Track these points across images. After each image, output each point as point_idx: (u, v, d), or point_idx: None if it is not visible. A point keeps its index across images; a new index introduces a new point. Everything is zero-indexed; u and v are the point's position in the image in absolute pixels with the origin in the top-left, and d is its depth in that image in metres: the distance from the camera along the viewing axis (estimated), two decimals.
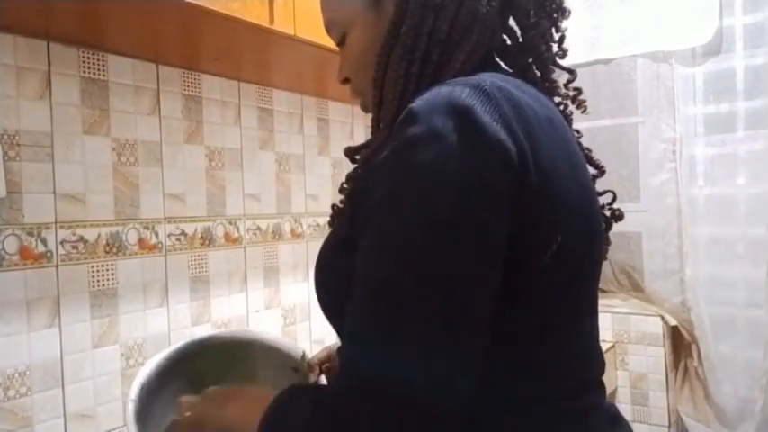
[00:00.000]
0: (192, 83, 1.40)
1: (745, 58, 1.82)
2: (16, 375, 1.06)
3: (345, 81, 0.73)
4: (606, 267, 2.08)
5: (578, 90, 0.71)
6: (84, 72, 1.18)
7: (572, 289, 0.60)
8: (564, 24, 0.67)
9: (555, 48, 0.68)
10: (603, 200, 0.72)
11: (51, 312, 1.12)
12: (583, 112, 0.71)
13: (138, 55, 1.27)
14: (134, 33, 1.15)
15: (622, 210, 0.74)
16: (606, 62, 2.03)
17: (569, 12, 0.67)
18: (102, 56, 1.21)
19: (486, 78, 0.54)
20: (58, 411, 1.12)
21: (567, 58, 0.70)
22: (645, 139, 2.00)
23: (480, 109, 0.50)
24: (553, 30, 0.67)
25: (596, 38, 2.00)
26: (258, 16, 1.11)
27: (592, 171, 0.72)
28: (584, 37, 2.01)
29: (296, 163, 1.70)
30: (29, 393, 1.08)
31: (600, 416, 0.63)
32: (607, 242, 0.72)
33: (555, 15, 0.66)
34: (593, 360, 0.65)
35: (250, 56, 1.36)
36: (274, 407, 0.57)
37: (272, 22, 1.13)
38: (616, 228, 0.74)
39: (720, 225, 1.89)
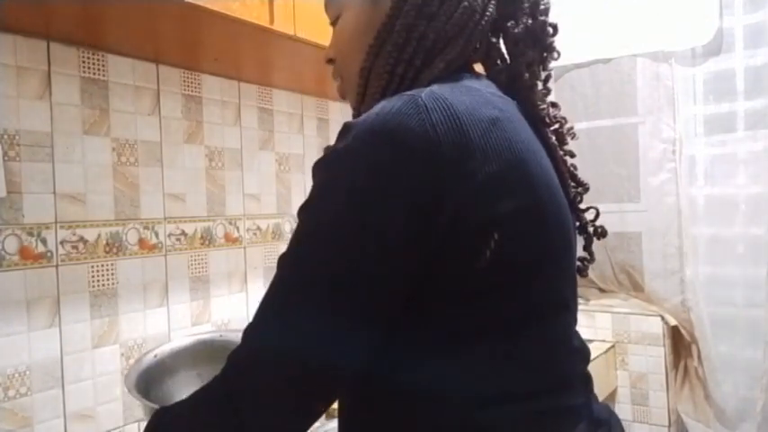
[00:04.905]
0: (192, 83, 1.40)
1: (745, 59, 1.82)
2: (16, 375, 1.06)
3: (330, 61, 0.75)
4: (606, 267, 2.08)
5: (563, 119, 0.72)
6: (84, 72, 1.18)
7: (528, 289, 0.59)
8: (552, 64, 0.69)
9: (540, 85, 0.69)
10: (589, 216, 0.75)
11: (51, 312, 1.12)
12: (571, 138, 0.73)
13: (138, 55, 1.27)
14: (134, 33, 1.15)
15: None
16: (606, 62, 2.03)
17: (558, 54, 0.69)
18: (102, 56, 1.21)
19: (425, 90, 0.56)
20: (57, 411, 1.12)
21: (562, 60, 0.70)
22: (645, 139, 2.00)
23: (403, 123, 0.53)
24: (540, 67, 0.68)
25: (596, 38, 2.00)
26: (258, 16, 1.11)
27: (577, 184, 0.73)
28: (584, 37, 2.01)
29: (296, 163, 1.70)
30: (29, 393, 1.08)
31: (573, 418, 0.62)
32: (590, 259, 0.74)
33: (545, 54, 0.68)
34: (563, 361, 0.64)
35: (250, 56, 1.36)
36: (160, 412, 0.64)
37: (272, 22, 1.13)
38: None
39: (720, 225, 1.88)
